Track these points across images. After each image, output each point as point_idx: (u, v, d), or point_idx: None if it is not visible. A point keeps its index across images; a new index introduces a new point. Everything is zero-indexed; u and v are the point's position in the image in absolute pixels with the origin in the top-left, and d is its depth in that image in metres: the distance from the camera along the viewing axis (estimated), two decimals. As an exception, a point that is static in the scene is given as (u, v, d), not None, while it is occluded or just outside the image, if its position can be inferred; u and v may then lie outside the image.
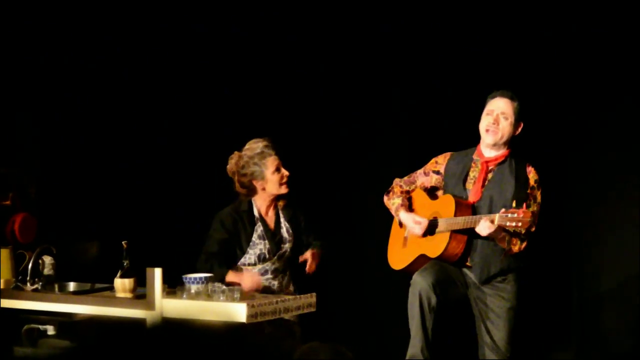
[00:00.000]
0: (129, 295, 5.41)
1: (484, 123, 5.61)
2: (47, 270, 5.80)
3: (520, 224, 5.26)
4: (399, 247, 5.85)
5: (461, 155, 5.71)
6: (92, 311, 5.43)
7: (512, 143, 5.66)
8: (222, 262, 5.67)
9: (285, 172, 5.76)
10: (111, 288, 5.53)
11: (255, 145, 5.77)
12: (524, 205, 5.33)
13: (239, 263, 5.75)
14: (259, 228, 5.76)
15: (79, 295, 5.60)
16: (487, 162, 5.62)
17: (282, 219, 5.82)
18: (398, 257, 5.82)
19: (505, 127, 5.59)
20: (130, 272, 5.42)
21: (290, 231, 5.81)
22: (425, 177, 5.79)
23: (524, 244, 5.52)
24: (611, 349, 6.67)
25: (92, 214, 6.85)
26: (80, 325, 5.54)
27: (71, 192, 6.85)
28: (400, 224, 5.84)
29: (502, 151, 5.63)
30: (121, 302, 5.36)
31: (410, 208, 5.79)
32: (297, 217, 5.86)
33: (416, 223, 5.65)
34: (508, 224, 5.28)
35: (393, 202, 5.79)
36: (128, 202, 7.00)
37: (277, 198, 5.81)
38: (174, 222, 7.04)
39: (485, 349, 5.59)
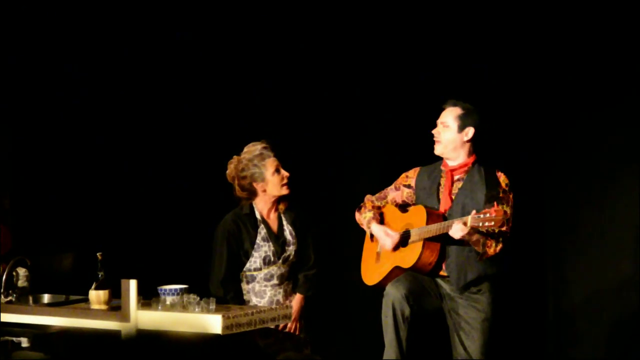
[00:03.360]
0: (103, 307, 5.39)
1: None
2: (21, 282, 5.78)
3: (493, 222, 5.27)
4: (371, 262, 5.85)
5: (430, 168, 5.74)
6: (66, 323, 5.41)
7: (477, 149, 5.67)
8: (238, 290, 5.72)
9: (285, 173, 5.77)
10: (86, 300, 5.51)
11: (253, 148, 5.78)
12: (495, 204, 5.35)
13: (244, 269, 5.75)
14: (262, 230, 5.76)
15: (54, 307, 5.58)
16: (451, 170, 5.64)
17: (284, 222, 5.83)
18: (372, 273, 5.82)
19: (445, 136, 5.61)
20: (105, 284, 5.40)
21: (294, 233, 5.82)
22: (396, 192, 5.81)
23: (499, 247, 5.51)
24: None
25: (66, 226, 6.82)
26: (55, 338, 5.52)
27: (45, 203, 6.83)
28: (372, 238, 5.84)
29: (465, 159, 5.64)
30: (96, 314, 5.34)
31: (382, 222, 5.79)
32: (300, 220, 5.86)
33: (387, 236, 5.66)
34: (481, 224, 5.28)
35: (364, 216, 5.80)
36: (103, 213, 6.98)
37: (278, 201, 5.82)
38: (149, 234, 7.03)
39: (459, 360, 5.61)
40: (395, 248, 5.67)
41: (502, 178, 5.61)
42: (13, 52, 6.68)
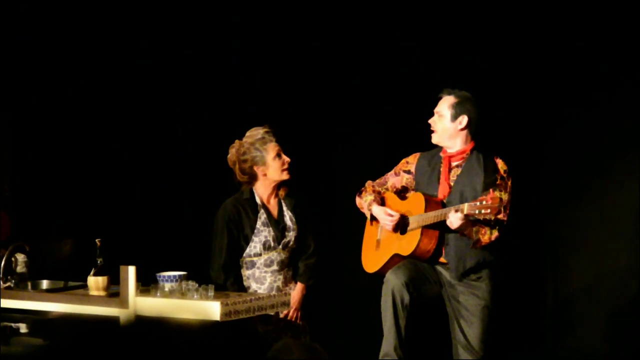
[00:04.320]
0: (102, 293, 5.39)
1: None
2: (20, 268, 5.78)
3: (489, 210, 5.26)
4: (372, 250, 5.85)
5: (430, 154, 5.74)
6: (65, 309, 5.41)
7: (476, 136, 5.66)
8: (238, 275, 5.71)
9: (286, 159, 5.76)
10: (85, 286, 5.51)
11: (256, 132, 5.77)
12: (490, 190, 5.35)
13: (244, 254, 5.75)
14: (262, 215, 5.75)
15: (52, 293, 5.58)
16: (449, 157, 5.64)
17: (284, 208, 5.82)
18: (372, 260, 5.82)
19: (440, 125, 5.62)
20: (104, 270, 5.40)
21: (294, 219, 5.81)
22: (396, 177, 5.81)
23: (494, 234, 5.49)
24: (585, 349, 6.70)
25: (65, 212, 6.82)
26: (54, 323, 5.52)
27: (44, 189, 6.82)
28: (372, 221, 5.84)
29: (463, 146, 5.63)
30: (94, 300, 5.35)
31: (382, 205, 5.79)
32: (301, 207, 5.86)
33: (388, 215, 5.66)
34: (477, 212, 5.28)
35: (365, 199, 5.80)
36: (102, 199, 6.97)
37: (279, 186, 5.81)
38: (148, 220, 7.02)
39: (458, 347, 5.59)
40: (395, 230, 5.67)
41: (500, 164, 5.61)
42: (13, 41, 6.67)
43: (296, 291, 5.83)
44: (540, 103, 6.82)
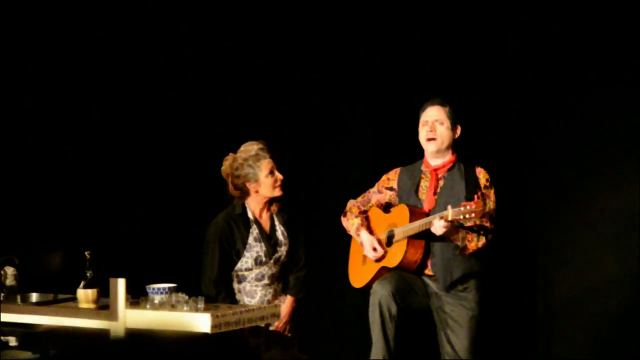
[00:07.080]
0: (92, 306, 5.39)
1: (422, 134, 5.69)
2: (9, 281, 5.77)
3: (473, 214, 5.29)
4: (358, 265, 5.86)
5: (410, 168, 5.77)
6: (54, 322, 5.40)
7: (458, 148, 5.70)
8: (230, 290, 5.72)
9: (279, 176, 5.77)
10: (74, 299, 5.51)
11: (250, 148, 5.78)
12: (475, 196, 5.37)
13: (235, 268, 5.76)
14: (255, 231, 5.77)
15: (42, 306, 5.57)
16: (435, 170, 5.67)
17: (276, 222, 5.83)
18: (359, 275, 5.84)
19: (442, 133, 5.65)
20: (94, 283, 5.40)
21: (286, 234, 5.82)
22: (379, 194, 5.83)
23: (481, 242, 5.52)
24: (576, 359, 6.72)
25: (55, 224, 6.81)
26: (43, 336, 5.52)
27: (33, 201, 6.81)
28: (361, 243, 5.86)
29: (448, 157, 5.68)
30: (84, 313, 5.34)
31: (367, 226, 5.81)
32: (293, 222, 5.87)
33: (373, 249, 5.68)
34: (462, 217, 5.30)
35: (352, 222, 5.82)
36: (91, 212, 6.97)
37: (271, 201, 5.82)
38: (138, 232, 7.02)
39: (446, 358, 5.62)
40: (379, 260, 5.69)
41: (481, 174, 5.64)
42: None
43: (286, 304, 5.84)
44: (526, 111, 6.84)
